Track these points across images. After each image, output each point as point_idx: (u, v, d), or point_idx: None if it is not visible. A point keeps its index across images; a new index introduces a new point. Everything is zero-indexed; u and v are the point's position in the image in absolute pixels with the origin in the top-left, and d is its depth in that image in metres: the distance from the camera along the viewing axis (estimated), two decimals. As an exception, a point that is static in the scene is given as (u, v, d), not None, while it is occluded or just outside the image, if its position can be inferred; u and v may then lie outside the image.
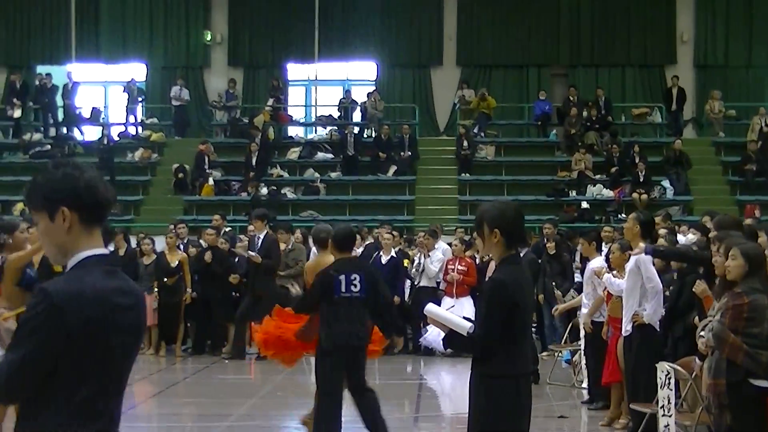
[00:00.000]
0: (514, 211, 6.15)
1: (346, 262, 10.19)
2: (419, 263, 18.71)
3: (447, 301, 17.73)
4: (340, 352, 10.03)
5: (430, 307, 6.21)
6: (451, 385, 16.25)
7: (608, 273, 11.79)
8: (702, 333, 8.54)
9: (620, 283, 11.24)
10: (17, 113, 31.08)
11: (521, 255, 6.19)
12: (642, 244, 10.49)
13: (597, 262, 12.44)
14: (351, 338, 9.88)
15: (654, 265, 10.71)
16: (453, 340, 6.17)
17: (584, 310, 13.05)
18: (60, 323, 3.55)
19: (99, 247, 3.79)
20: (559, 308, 14.20)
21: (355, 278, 10.01)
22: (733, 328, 7.83)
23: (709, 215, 12.81)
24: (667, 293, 11.21)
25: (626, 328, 10.66)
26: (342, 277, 9.99)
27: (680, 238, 12.75)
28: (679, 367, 9.30)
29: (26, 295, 8.88)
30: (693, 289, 9.74)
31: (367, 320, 10.07)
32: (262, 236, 18.12)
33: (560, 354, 16.56)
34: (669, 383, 9.26)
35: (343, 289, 9.97)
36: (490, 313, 5.92)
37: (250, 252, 17.82)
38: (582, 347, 14.26)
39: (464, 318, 6.25)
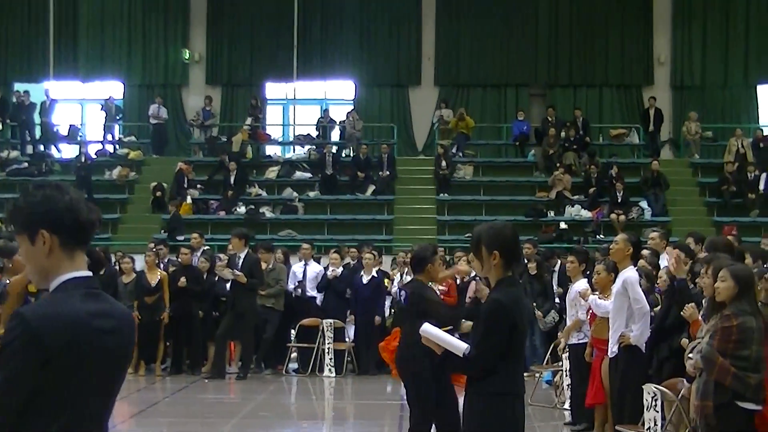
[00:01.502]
0: (512, 232, 6.17)
1: (409, 282, 10.21)
2: (401, 282, 18.68)
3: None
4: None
5: (427, 327, 6.18)
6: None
7: (593, 294, 11.80)
8: (690, 355, 8.55)
9: (606, 305, 11.25)
10: (-4, 127, 30.99)
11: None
12: (631, 266, 10.53)
13: (581, 284, 12.43)
14: None
15: (641, 285, 10.72)
16: (449, 360, 6.16)
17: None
18: (37, 348, 3.49)
19: (81, 270, 3.74)
20: (562, 339, 13.95)
21: (403, 294, 10.15)
22: (722, 351, 7.84)
23: (692, 236, 12.84)
24: (653, 314, 11.22)
25: (612, 349, 10.66)
26: (402, 292, 10.12)
27: (663, 258, 12.72)
28: (665, 389, 9.30)
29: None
30: (682, 313, 9.74)
31: None
32: (243, 255, 18.07)
33: (541, 375, 16.55)
34: (656, 405, 9.27)
35: (403, 302, 10.06)
36: (487, 333, 5.92)
37: (235, 271, 17.76)
38: (564, 368, 14.26)
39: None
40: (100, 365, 3.65)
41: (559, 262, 18.64)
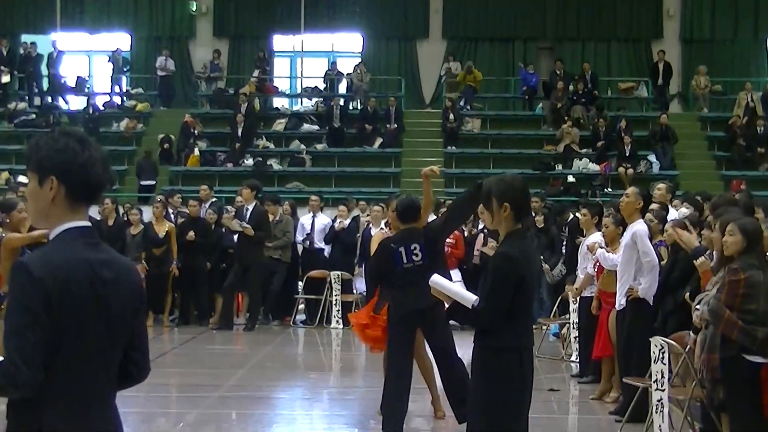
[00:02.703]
0: (522, 185, 6.15)
1: (406, 233, 10.14)
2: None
3: (453, 275, 17.63)
4: (409, 319, 10.00)
5: (436, 278, 6.18)
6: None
7: (601, 248, 11.78)
8: (698, 306, 8.55)
9: (614, 258, 11.24)
10: (6, 78, 30.86)
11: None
12: (640, 219, 10.51)
13: (595, 237, 12.37)
14: (418, 302, 9.68)
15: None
16: (456, 312, 6.18)
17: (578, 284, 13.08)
18: (39, 292, 3.52)
19: (82, 221, 3.75)
20: (573, 291, 13.91)
21: (415, 248, 9.98)
22: (729, 304, 7.84)
23: (701, 196, 12.80)
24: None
25: (620, 302, 10.65)
26: (402, 249, 9.98)
27: (672, 212, 12.69)
28: (672, 342, 9.31)
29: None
30: (695, 263, 9.72)
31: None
32: (251, 207, 18.07)
33: (548, 327, 16.60)
34: (663, 358, 9.27)
35: (405, 260, 9.95)
36: (496, 286, 5.91)
37: (243, 224, 17.76)
38: (572, 321, 14.29)
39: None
40: (101, 312, 3.66)
41: (571, 215, 18.60)
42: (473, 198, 10.21)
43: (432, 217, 19.27)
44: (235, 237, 18.31)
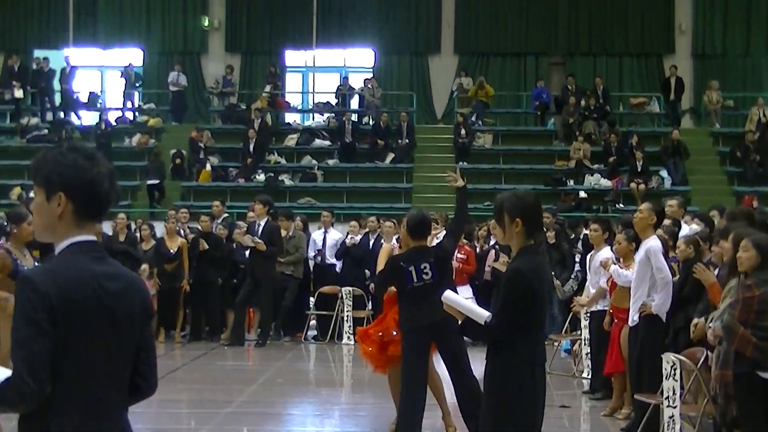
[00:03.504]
0: (534, 200, 6.15)
1: (415, 252, 10.06)
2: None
3: (463, 290, 17.57)
4: (421, 333, 9.95)
5: (449, 294, 6.18)
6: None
7: (614, 264, 11.76)
8: (710, 324, 8.54)
9: (627, 274, 11.21)
10: (18, 93, 30.92)
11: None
12: (654, 235, 10.50)
13: (605, 253, 12.37)
14: (430, 316, 9.61)
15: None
16: (469, 328, 6.17)
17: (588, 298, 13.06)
18: (44, 306, 3.52)
19: (89, 236, 3.75)
20: (580, 302, 13.90)
21: (425, 267, 9.92)
22: (743, 320, 7.83)
23: (717, 210, 12.78)
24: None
25: (633, 318, 10.62)
26: (412, 268, 9.89)
27: (684, 228, 12.68)
28: (684, 358, 9.28)
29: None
30: (695, 275, 9.74)
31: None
32: (263, 223, 18.08)
33: (560, 344, 16.56)
34: (674, 374, 9.25)
35: (415, 279, 9.91)
36: (507, 302, 5.91)
37: (255, 238, 17.78)
38: (583, 337, 14.25)
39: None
40: (107, 326, 3.66)
41: (584, 230, 18.58)
42: (460, 215, 10.35)
43: (444, 232, 19.40)
44: (247, 252, 18.32)
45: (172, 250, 18.42)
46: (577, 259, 17.38)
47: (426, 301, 9.67)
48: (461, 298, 6.24)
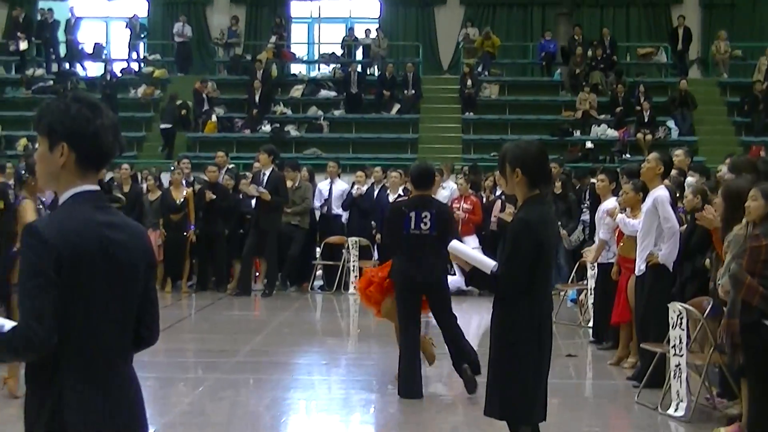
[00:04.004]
0: (537, 150, 6.10)
1: (418, 200, 10.12)
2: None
3: (470, 240, 17.58)
4: (413, 288, 10.04)
5: (455, 244, 6.17)
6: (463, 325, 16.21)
7: (621, 213, 11.73)
8: (720, 281, 8.52)
9: (634, 223, 11.18)
10: (23, 45, 30.83)
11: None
12: (661, 185, 10.45)
13: (611, 203, 12.37)
14: (421, 275, 9.76)
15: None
16: (476, 278, 6.16)
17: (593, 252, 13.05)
18: (50, 255, 3.52)
19: (92, 185, 3.75)
20: (589, 256, 13.88)
21: (426, 216, 9.96)
22: (751, 270, 7.81)
23: (730, 159, 12.71)
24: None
25: (640, 267, 10.60)
26: (412, 214, 9.96)
27: (689, 179, 12.63)
28: (691, 307, 9.26)
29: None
30: (698, 222, 9.73)
31: (441, 257, 9.75)
32: (268, 173, 18.04)
33: (566, 293, 16.57)
34: (681, 323, 9.23)
35: (413, 226, 9.92)
36: (514, 252, 5.89)
37: (259, 188, 17.74)
38: (590, 287, 14.25)
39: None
40: (111, 275, 3.66)
41: (591, 180, 18.54)
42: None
43: (450, 183, 19.39)
44: (253, 202, 18.30)
45: (177, 201, 18.39)
46: (584, 210, 17.34)
47: (420, 258, 9.74)
48: (468, 248, 6.23)
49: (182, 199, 18.41)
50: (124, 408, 3.73)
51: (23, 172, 10.47)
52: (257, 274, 19.57)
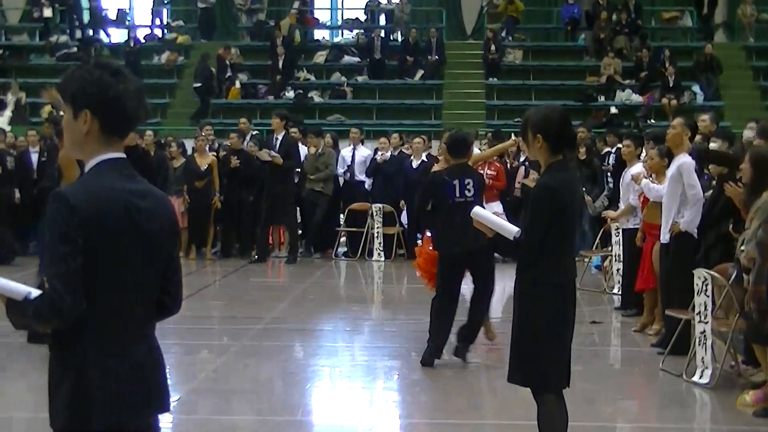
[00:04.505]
0: (559, 116, 6.05)
1: (458, 168, 10.17)
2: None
3: (494, 206, 17.50)
4: (456, 260, 10.07)
5: (478, 210, 6.16)
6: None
7: (646, 178, 11.67)
8: (743, 247, 8.46)
9: (658, 188, 11.13)
10: (47, 12, 30.80)
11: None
12: (686, 150, 10.38)
13: (637, 168, 12.30)
14: (467, 242, 9.62)
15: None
16: (498, 243, 6.14)
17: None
18: (77, 221, 3.52)
19: (117, 153, 3.75)
20: (609, 215, 13.84)
21: (468, 183, 10.01)
22: (776, 236, 7.75)
23: (754, 122, 12.62)
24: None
25: (665, 235, 10.55)
26: (456, 182, 10.01)
27: (712, 144, 12.54)
28: (716, 274, 9.22)
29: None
30: (725, 192, 9.67)
31: None
32: (280, 137, 17.98)
33: (590, 260, 16.52)
34: (706, 290, 9.19)
35: (458, 194, 9.94)
36: (536, 217, 5.87)
37: (271, 152, 17.69)
38: (614, 253, 14.20)
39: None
40: (136, 242, 3.66)
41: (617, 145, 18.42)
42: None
43: (474, 149, 19.31)
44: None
45: (202, 168, 18.39)
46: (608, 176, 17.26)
47: (465, 225, 9.71)
48: (490, 214, 6.22)
49: (206, 166, 18.41)
50: (146, 376, 3.74)
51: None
52: (281, 241, 19.59)
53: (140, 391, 3.70)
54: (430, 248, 10.76)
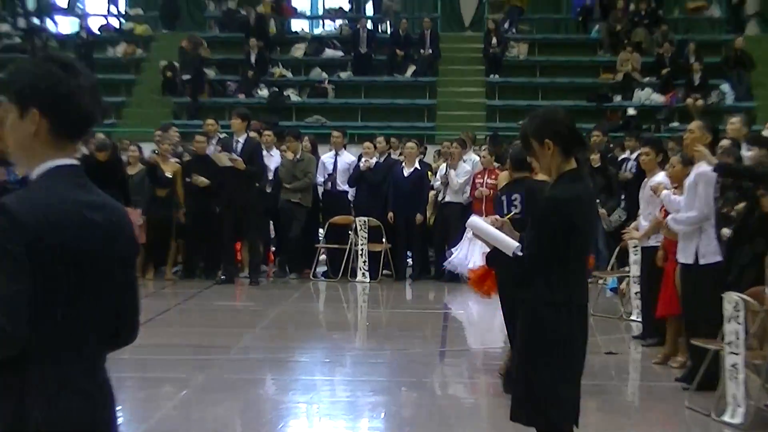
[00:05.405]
0: (563, 114, 6.04)
1: (513, 182, 10.42)
2: (444, 175, 18.58)
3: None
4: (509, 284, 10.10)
5: (475, 220, 6.15)
6: (478, 315, 16.22)
7: (667, 190, 11.64)
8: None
9: (680, 200, 11.11)
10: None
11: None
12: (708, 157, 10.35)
13: (659, 177, 12.26)
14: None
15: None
16: (496, 259, 6.09)
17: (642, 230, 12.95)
18: (21, 236, 3.44)
19: (69, 159, 3.68)
20: (632, 234, 13.78)
21: (515, 198, 10.20)
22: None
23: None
24: (734, 213, 11.06)
25: (684, 253, 10.51)
26: (504, 197, 10.33)
27: (743, 152, 12.54)
28: (749, 298, 9.18)
29: None
30: (762, 207, 9.65)
31: None
32: (242, 139, 17.90)
33: (605, 281, 16.49)
34: (737, 316, 9.14)
35: (505, 210, 10.01)
36: (540, 234, 5.82)
37: (232, 155, 17.59)
38: (632, 274, 14.17)
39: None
40: (90, 260, 3.61)
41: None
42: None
43: (472, 155, 19.32)
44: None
45: (168, 175, 18.29)
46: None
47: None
48: (488, 225, 6.16)
49: (171, 174, 18.30)
50: (95, 415, 3.67)
51: None
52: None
53: (85, 426, 3.62)
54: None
